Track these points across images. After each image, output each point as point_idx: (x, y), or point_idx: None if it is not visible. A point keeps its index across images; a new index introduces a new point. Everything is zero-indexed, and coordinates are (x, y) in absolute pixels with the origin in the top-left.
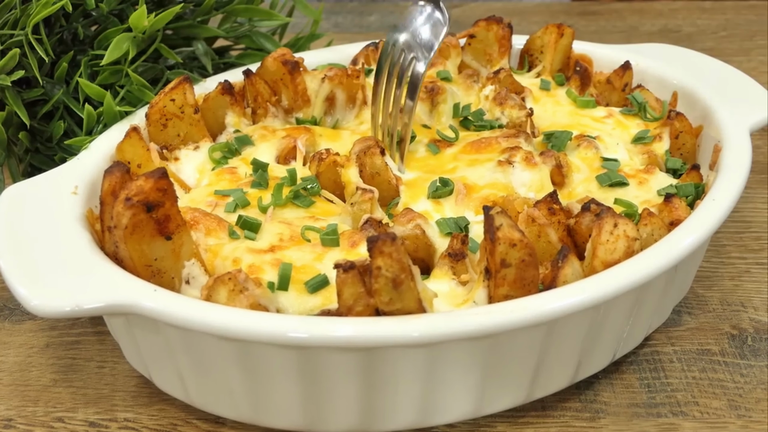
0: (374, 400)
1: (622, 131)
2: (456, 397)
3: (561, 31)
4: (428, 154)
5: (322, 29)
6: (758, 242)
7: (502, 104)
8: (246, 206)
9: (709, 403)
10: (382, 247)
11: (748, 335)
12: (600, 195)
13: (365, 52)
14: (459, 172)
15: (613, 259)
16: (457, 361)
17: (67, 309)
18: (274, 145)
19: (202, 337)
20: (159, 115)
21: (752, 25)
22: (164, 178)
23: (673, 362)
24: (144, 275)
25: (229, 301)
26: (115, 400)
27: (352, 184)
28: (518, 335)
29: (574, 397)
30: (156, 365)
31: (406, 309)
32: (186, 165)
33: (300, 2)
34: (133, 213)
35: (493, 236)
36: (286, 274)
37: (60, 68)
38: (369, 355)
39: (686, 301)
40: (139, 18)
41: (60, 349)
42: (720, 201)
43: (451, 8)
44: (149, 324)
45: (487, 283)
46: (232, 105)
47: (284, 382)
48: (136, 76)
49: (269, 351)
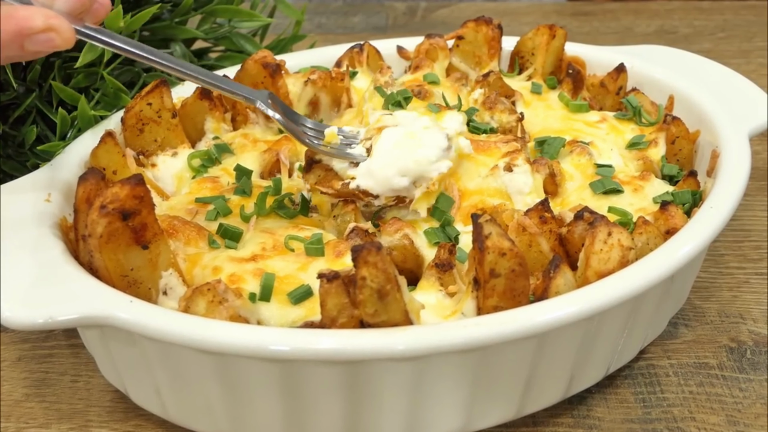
0: (359, 416)
1: (616, 136)
2: (444, 413)
3: (553, 32)
4: None
5: (304, 30)
6: (758, 251)
7: (492, 108)
8: (228, 215)
9: (706, 418)
10: (367, 257)
11: (747, 348)
12: (593, 203)
13: (350, 54)
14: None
15: (606, 269)
16: (445, 374)
17: (39, 321)
18: (257, 160)
19: (179, 350)
20: (135, 120)
21: (751, 26)
22: (141, 185)
23: (669, 376)
24: (120, 286)
25: (208, 312)
26: (90, 416)
27: (325, 204)
28: (508, 348)
29: (567, 412)
30: (132, 379)
31: (391, 321)
32: (164, 171)
33: (282, 2)
34: (109, 221)
35: (482, 245)
36: (268, 284)
37: (32, 71)
38: (353, 368)
39: (683, 313)
40: (114, 18)
41: (32, 363)
42: (718, 209)
43: (438, 8)
44: (125, 336)
45: (476, 294)
46: (211, 110)
47: (265, 397)
48: (112, 80)
49: (249, 364)
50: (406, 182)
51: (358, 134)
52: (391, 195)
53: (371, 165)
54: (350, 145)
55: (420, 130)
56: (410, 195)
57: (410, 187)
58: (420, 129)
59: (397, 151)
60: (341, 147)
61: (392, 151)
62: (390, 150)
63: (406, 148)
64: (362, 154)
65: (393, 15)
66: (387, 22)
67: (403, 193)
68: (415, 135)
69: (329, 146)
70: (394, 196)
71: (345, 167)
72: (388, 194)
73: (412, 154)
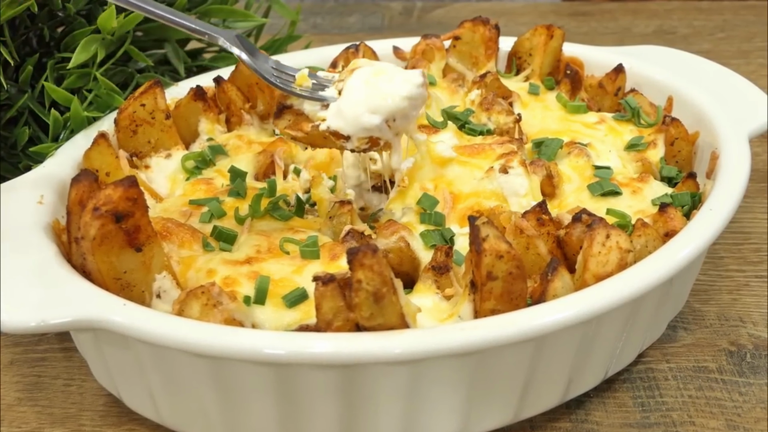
0: (355, 420)
1: (614, 138)
2: (440, 417)
3: (551, 32)
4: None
5: (299, 30)
6: (757, 254)
7: (489, 109)
8: (222, 217)
9: (706, 423)
10: (362, 260)
11: (746, 352)
12: (592, 205)
13: (345, 54)
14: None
15: (605, 272)
16: (442, 378)
17: (32, 324)
18: (251, 161)
19: (173, 354)
20: (128, 121)
21: (751, 27)
22: (134, 186)
23: (668, 380)
24: (113, 289)
25: (202, 315)
26: (83, 420)
27: (325, 201)
28: (505, 352)
29: (565, 416)
30: (125, 383)
31: (387, 324)
32: (157, 173)
33: (277, 2)
34: (102, 223)
35: (478, 247)
36: (263, 287)
37: (25, 72)
38: (349, 372)
39: (682, 316)
40: (107, 19)
41: (25, 367)
42: (717, 211)
43: (435, 9)
44: (118, 340)
45: (473, 297)
46: (205, 111)
47: (260, 401)
48: (105, 80)
49: (244, 368)
50: (377, 120)
51: (333, 79)
52: (363, 135)
53: (341, 104)
54: (324, 89)
55: (390, 66)
56: (384, 137)
57: (383, 127)
58: (390, 66)
59: (366, 88)
60: (313, 90)
61: (362, 89)
62: (359, 88)
63: (376, 84)
64: (333, 96)
65: (389, 15)
66: (383, 22)
67: (375, 134)
68: (385, 71)
69: (300, 88)
70: (367, 137)
71: (316, 110)
72: (359, 134)
73: (380, 90)
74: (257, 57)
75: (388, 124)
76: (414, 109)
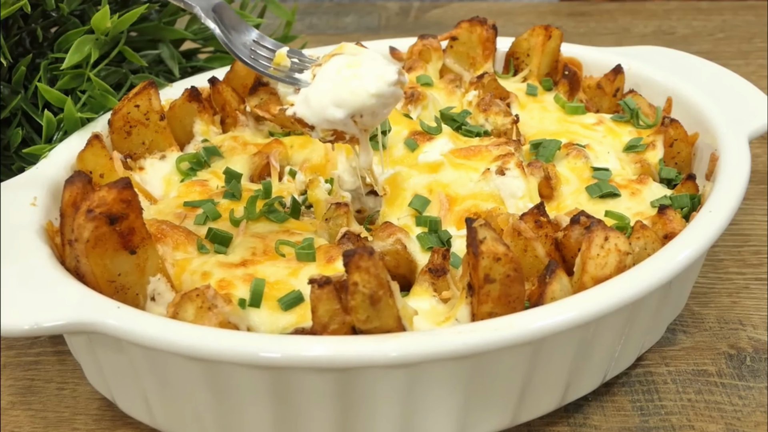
0: (351, 424)
1: (613, 139)
2: (437, 421)
3: (549, 33)
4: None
5: (295, 31)
6: (757, 256)
7: (486, 110)
8: (217, 219)
9: (705, 427)
10: (358, 262)
11: (746, 355)
12: (590, 207)
13: None
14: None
15: (603, 275)
16: (439, 382)
17: (25, 327)
18: (246, 163)
19: (168, 357)
20: (123, 122)
21: (751, 27)
22: (128, 188)
23: (667, 383)
24: (107, 291)
25: (196, 318)
26: (76, 424)
27: (322, 203)
28: (503, 355)
29: (563, 420)
30: (119, 387)
31: (384, 327)
32: (152, 175)
33: (272, 3)
34: (96, 225)
35: (476, 250)
36: (258, 290)
37: (18, 72)
38: (345, 375)
39: (681, 319)
40: (101, 19)
41: (18, 370)
42: (717, 213)
43: (432, 9)
44: (112, 343)
45: (470, 299)
46: (200, 112)
47: (255, 404)
48: (99, 81)
49: (239, 372)
50: (341, 114)
51: (317, 60)
52: (327, 127)
53: (309, 92)
54: (302, 71)
55: (366, 58)
56: (350, 131)
57: (348, 122)
58: (367, 58)
59: (336, 78)
60: (290, 71)
61: (331, 79)
62: (330, 77)
63: (346, 77)
64: (307, 80)
65: (385, 15)
66: (379, 22)
67: (339, 127)
68: (359, 63)
69: (277, 68)
70: (331, 129)
71: (289, 92)
72: (323, 126)
73: (348, 84)
74: (238, 30)
75: (354, 119)
76: (384, 107)
